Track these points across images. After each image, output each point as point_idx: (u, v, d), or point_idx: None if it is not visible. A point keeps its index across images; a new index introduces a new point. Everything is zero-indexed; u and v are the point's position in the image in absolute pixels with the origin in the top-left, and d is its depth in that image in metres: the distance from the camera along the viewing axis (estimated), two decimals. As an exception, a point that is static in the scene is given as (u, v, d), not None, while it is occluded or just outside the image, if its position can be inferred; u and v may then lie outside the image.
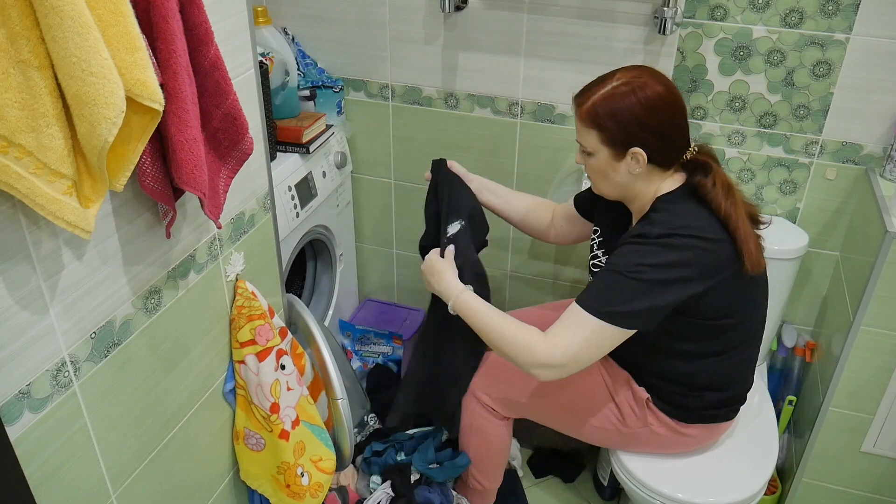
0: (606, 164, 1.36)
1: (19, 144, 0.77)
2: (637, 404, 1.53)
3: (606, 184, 1.41)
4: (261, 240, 1.41)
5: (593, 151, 1.36)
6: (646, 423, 1.53)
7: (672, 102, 1.32)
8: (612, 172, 1.37)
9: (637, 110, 1.30)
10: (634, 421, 1.54)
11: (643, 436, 1.56)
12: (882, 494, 1.78)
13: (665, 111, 1.31)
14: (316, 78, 2.02)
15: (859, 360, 1.62)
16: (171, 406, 1.23)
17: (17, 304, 0.88)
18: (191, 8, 0.95)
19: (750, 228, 1.33)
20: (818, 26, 1.66)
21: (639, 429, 1.55)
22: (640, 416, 1.54)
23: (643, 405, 1.53)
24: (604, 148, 1.34)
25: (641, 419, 1.54)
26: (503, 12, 1.85)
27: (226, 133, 1.09)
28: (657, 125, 1.31)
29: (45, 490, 0.98)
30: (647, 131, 1.31)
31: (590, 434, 1.62)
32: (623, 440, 1.59)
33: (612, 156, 1.34)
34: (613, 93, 1.31)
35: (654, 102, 1.30)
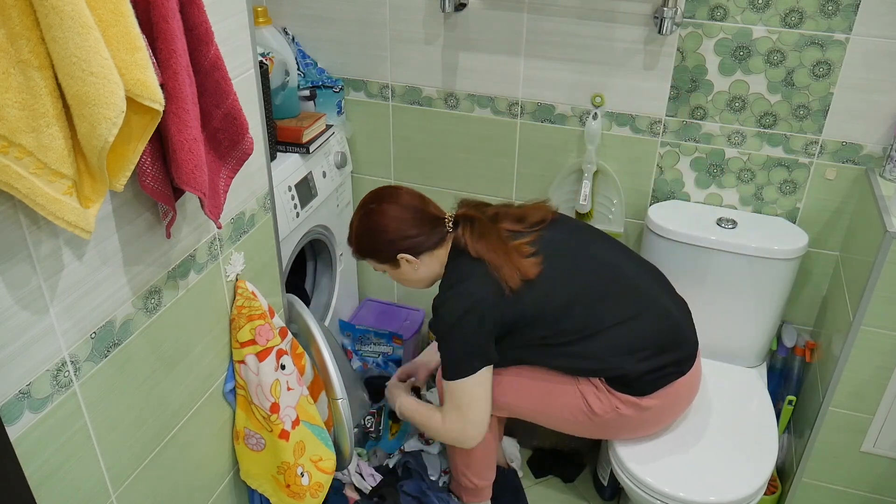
0: (395, 273, 1.65)
1: (19, 144, 0.77)
2: (598, 391, 1.58)
3: (410, 284, 1.68)
4: (261, 240, 1.41)
5: (383, 270, 1.66)
6: (612, 406, 1.58)
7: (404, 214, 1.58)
8: (403, 276, 1.65)
9: (379, 235, 1.58)
10: (601, 408, 1.58)
11: (616, 421, 1.60)
12: (882, 494, 1.78)
13: (401, 223, 1.57)
14: (316, 78, 2.02)
15: (859, 360, 1.62)
16: (172, 406, 1.23)
17: (18, 304, 0.88)
18: (191, 8, 0.95)
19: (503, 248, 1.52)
20: (818, 26, 1.66)
21: (608, 415, 1.59)
22: (605, 401, 1.58)
23: (603, 390, 1.58)
24: (384, 265, 1.64)
25: (607, 404, 1.58)
26: (503, 12, 1.85)
27: (226, 133, 1.09)
28: (402, 234, 1.57)
29: (45, 490, 0.98)
30: (395, 243, 1.58)
31: (569, 427, 1.67)
32: (602, 429, 1.64)
33: (392, 267, 1.63)
34: (357, 228, 1.62)
35: (388, 223, 1.57)
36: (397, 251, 1.58)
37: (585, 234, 1.66)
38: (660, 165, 1.93)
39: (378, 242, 1.59)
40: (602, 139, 1.93)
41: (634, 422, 1.61)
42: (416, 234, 1.58)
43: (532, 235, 1.57)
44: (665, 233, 1.82)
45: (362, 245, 1.62)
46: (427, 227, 1.59)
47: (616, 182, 1.95)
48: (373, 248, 1.61)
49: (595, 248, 1.63)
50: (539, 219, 1.62)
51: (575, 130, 1.95)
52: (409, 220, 1.58)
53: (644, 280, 1.63)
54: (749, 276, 1.79)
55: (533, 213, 1.64)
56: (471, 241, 1.55)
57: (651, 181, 1.95)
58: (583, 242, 1.63)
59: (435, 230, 1.60)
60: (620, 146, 1.93)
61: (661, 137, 1.89)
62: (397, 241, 1.58)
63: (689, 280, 1.83)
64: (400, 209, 1.59)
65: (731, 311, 1.86)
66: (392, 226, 1.57)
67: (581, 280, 1.56)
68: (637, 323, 1.56)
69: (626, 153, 1.93)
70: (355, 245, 1.64)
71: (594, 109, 1.90)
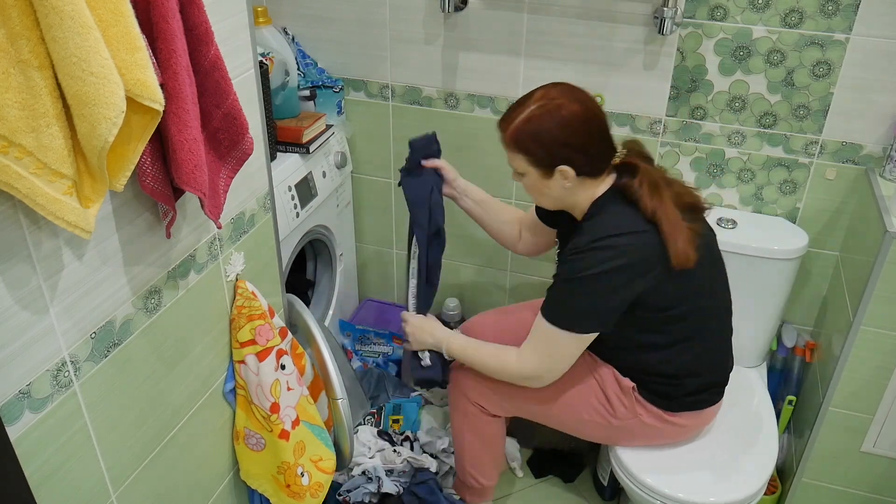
0: (538, 183, 1.43)
1: (19, 144, 0.77)
2: (624, 395, 1.56)
3: (544, 199, 1.48)
4: (261, 240, 1.41)
5: (524, 172, 1.44)
6: (635, 413, 1.55)
7: (588, 118, 1.38)
8: (545, 189, 1.44)
9: (555, 132, 1.36)
10: (624, 412, 1.56)
11: (634, 427, 1.58)
12: (882, 494, 1.78)
13: (582, 128, 1.37)
14: (316, 78, 2.02)
15: (859, 360, 1.62)
16: (172, 406, 1.23)
17: (18, 304, 0.88)
18: (191, 8, 0.95)
19: (679, 223, 1.37)
20: (818, 26, 1.66)
21: (629, 420, 1.56)
22: (629, 406, 1.56)
23: (630, 395, 1.55)
24: (532, 169, 1.41)
25: (630, 410, 1.56)
26: (503, 12, 1.85)
27: (226, 133, 1.09)
28: (577, 142, 1.37)
29: (45, 490, 0.98)
30: (568, 149, 1.37)
31: (582, 428, 1.64)
32: (615, 434, 1.61)
33: (541, 175, 1.41)
34: (531, 116, 1.37)
35: (571, 121, 1.36)
36: (564, 161, 1.37)
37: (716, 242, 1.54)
38: (659, 165, 1.93)
39: (548, 140, 1.36)
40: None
41: (654, 431, 1.58)
42: (594, 153, 1.39)
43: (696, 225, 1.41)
44: (665, 233, 1.82)
45: (526, 135, 1.38)
46: (605, 151, 1.42)
47: (616, 182, 1.94)
48: (537, 144, 1.37)
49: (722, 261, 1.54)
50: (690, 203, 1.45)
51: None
52: (594, 132, 1.39)
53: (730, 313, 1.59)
54: (749, 276, 1.79)
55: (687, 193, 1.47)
56: (649, 198, 1.37)
57: (651, 181, 1.95)
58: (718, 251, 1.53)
59: (607, 158, 1.42)
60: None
61: (661, 137, 1.89)
62: (571, 150, 1.37)
63: (689, 280, 1.83)
64: (586, 118, 1.37)
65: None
66: (576, 130, 1.36)
67: (711, 293, 1.49)
68: (714, 351, 1.55)
69: (626, 153, 1.93)
70: (517, 131, 1.38)
71: (594, 109, 1.90)
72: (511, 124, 1.40)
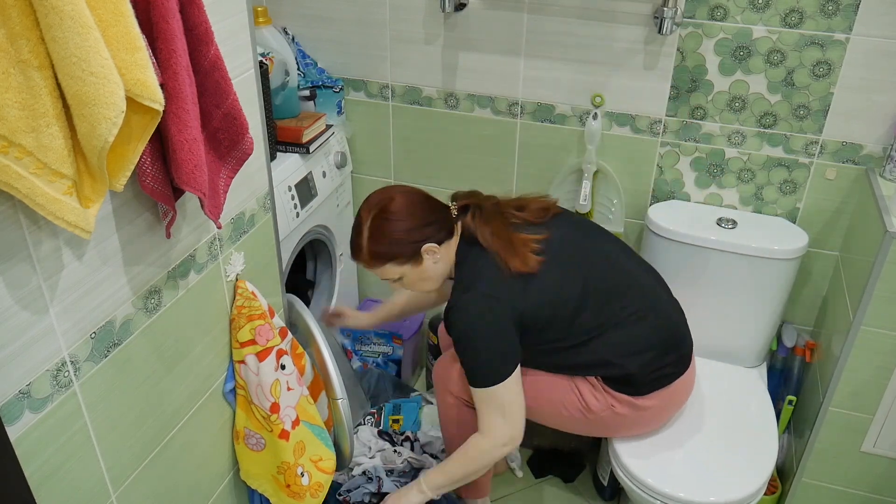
0: (416, 273, 1.54)
1: (19, 144, 0.77)
2: (595, 389, 1.59)
3: (429, 283, 1.58)
4: (261, 240, 1.41)
5: (400, 276, 1.54)
6: (608, 405, 1.58)
7: (412, 196, 1.51)
8: (424, 274, 1.54)
9: (400, 224, 1.48)
10: (598, 406, 1.59)
11: (611, 419, 1.60)
12: (882, 494, 1.78)
13: (413, 208, 1.50)
14: (316, 78, 2.02)
15: (859, 360, 1.62)
16: (172, 406, 1.23)
17: (17, 304, 0.88)
18: (191, 8, 0.95)
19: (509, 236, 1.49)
20: (818, 26, 1.66)
21: (604, 413, 1.59)
22: (602, 400, 1.58)
23: (599, 388, 1.58)
24: (405, 267, 1.52)
25: (603, 403, 1.58)
26: (503, 12, 1.85)
27: (226, 133, 1.09)
28: (419, 220, 1.49)
29: (45, 490, 0.98)
30: (418, 231, 1.49)
31: (564, 423, 1.67)
32: (597, 427, 1.65)
33: (413, 265, 1.52)
34: (371, 233, 1.49)
35: (402, 210, 1.49)
36: (422, 240, 1.49)
37: (591, 231, 1.65)
38: (660, 165, 1.93)
39: (400, 237, 1.48)
40: (602, 139, 1.93)
41: (630, 420, 1.61)
42: (435, 219, 1.51)
43: (541, 233, 1.53)
44: (665, 233, 1.82)
45: (380, 248, 1.49)
46: (439, 213, 1.53)
47: (616, 182, 1.95)
48: (394, 247, 1.49)
49: (602, 247, 1.61)
50: (540, 208, 1.59)
51: (575, 130, 1.95)
52: (423, 205, 1.52)
53: (647, 280, 1.63)
54: (749, 276, 1.79)
55: (532, 203, 1.60)
56: (479, 227, 1.50)
57: (651, 181, 1.95)
58: (590, 239, 1.61)
59: (446, 217, 1.54)
60: (620, 146, 1.93)
61: (661, 137, 1.89)
62: (420, 228, 1.49)
63: (689, 280, 1.83)
64: (410, 196, 1.51)
65: (731, 311, 1.86)
66: (412, 212, 1.49)
67: (592, 279, 1.54)
68: (643, 324, 1.56)
69: (626, 153, 1.93)
70: (371, 251, 1.50)
71: (594, 109, 1.90)
72: (363, 251, 1.51)
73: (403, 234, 1.48)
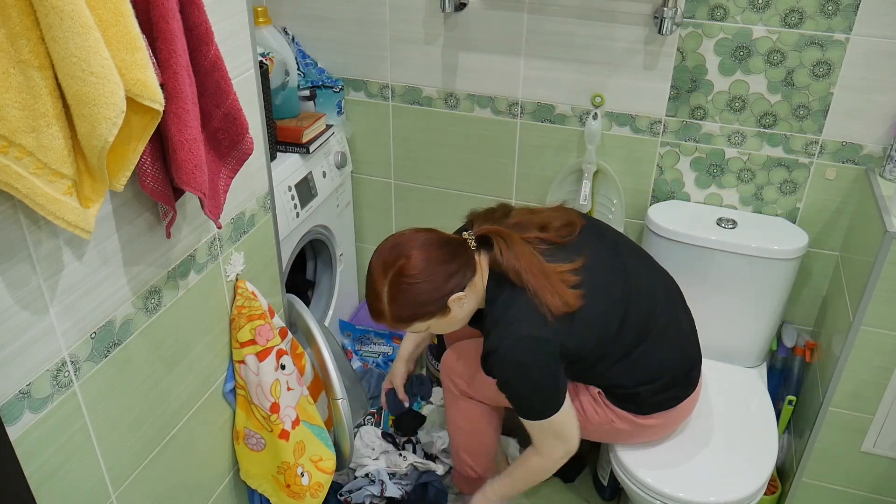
0: (446, 322, 1.44)
1: (19, 144, 0.77)
2: (595, 402, 1.58)
3: (456, 325, 1.48)
4: (261, 240, 1.41)
5: (427, 328, 1.45)
6: (608, 419, 1.57)
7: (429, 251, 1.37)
8: (455, 320, 1.45)
9: (421, 286, 1.36)
10: (597, 419, 1.58)
11: (609, 430, 1.60)
12: (882, 494, 1.78)
13: (438, 262, 1.37)
14: (316, 78, 2.02)
15: (859, 360, 1.62)
16: (172, 406, 1.23)
17: (17, 304, 0.88)
18: (191, 8, 0.95)
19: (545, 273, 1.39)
20: (818, 26, 1.66)
21: (603, 426, 1.59)
22: (601, 413, 1.57)
23: (600, 402, 1.57)
24: (433, 321, 1.41)
25: (603, 416, 1.57)
26: (503, 12, 1.85)
27: (226, 133, 1.09)
28: (441, 274, 1.37)
29: (45, 490, 0.98)
30: (443, 286, 1.37)
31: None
32: (596, 435, 1.64)
33: (442, 316, 1.41)
34: (392, 297, 1.37)
35: (424, 267, 1.36)
36: (449, 294, 1.38)
37: (616, 244, 1.56)
38: (660, 165, 1.93)
39: (424, 298, 1.37)
40: (602, 139, 1.93)
41: (627, 434, 1.60)
42: (457, 268, 1.39)
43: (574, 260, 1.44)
44: (665, 233, 1.82)
45: (405, 312, 1.38)
46: (460, 254, 1.41)
47: (616, 182, 1.94)
48: (420, 308, 1.38)
49: (630, 265, 1.54)
50: (563, 224, 1.50)
51: (575, 130, 1.95)
52: (442, 255, 1.39)
53: (669, 302, 1.58)
54: (749, 276, 1.79)
55: (553, 219, 1.51)
56: (509, 264, 1.40)
57: (651, 181, 1.95)
58: (619, 258, 1.53)
59: (467, 256, 1.42)
60: (620, 146, 1.93)
61: (661, 137, 1.89)
62: (444, 284, 1.37)
63: (689, 280, 1.83)
64: (426, 254, 1.37)
65: (731, 311, 1.86)
66: (433, 270, 1.36)
67: (629, 309, 1.49)
68: (662, 352, 1.54)
69: (626, 153, 1.93)
70: (394, 315, 1.39)
71: (594, 109, 1.90)
72: (385, 316, 1.40)
73: (427, 294, 1.37)
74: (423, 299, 1.37)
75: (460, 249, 1.42)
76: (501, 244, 1.42)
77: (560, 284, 1.39)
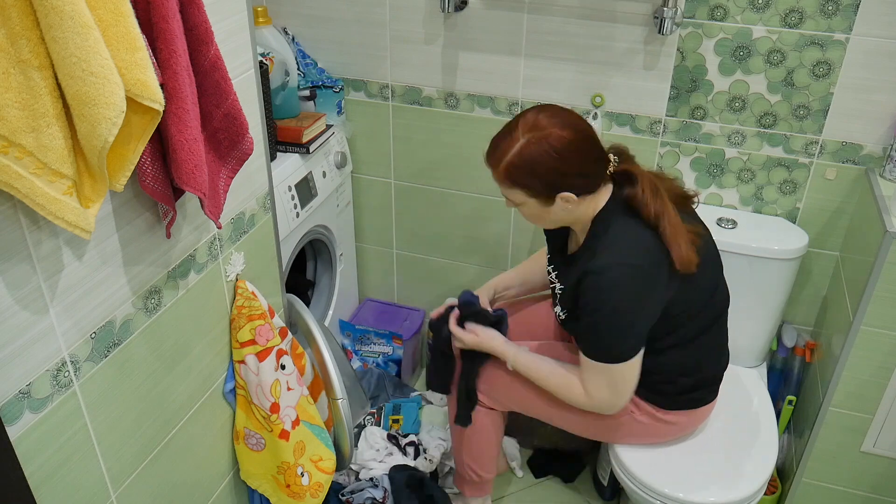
0: (539, 211, 1.40)
1: (19, 144, 0.77)
2: None
3: (546, 223, 1.46)
4: (261, 240, 1.41)
5: (522, 203, 1.39)
6: (627, 410, 1.56)
7: (581, 142, 1.34)
8: (546, 216, 1.41)
9: (551, 163, 1.32)
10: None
11: (626, 425, 1.59)
12: (882, 494, 1.78)
13: (576, 154, 1.33)
14: (316, 78, 2.02)
15: (859, 360, 1.62)
16: (172, 406, 1.23)
17: (17, 304, 0.88)
18: (191, 8, 0.95)
19: (680, 227, 1.37)
20: (818, 26, 1.66)
21: (621, 417, 1.57)
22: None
23: None
24: (532, 200, 1.37)
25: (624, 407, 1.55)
26: (503, 12, 1.85)
27: (226, 133, 1.09)
28: (574, 169, 1.33)
29: (45, 490, 0.98)
30: (567, 176, 1.33)
31: (575, 425, 1.65)
32: (609, 431, 1.62)
33: (541, 203, 1.37)
34: (522, 150, 1.32)
35: (565, 149, 1.32)
36: (565, 188, 1.34)
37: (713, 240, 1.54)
38: (660, 165, 1.93)
39: (546, 174, 1.32)
40: (602, 139, 1.92)
41: (646, 430, 1.59)
42: (591, 172, 1.36)
43: (696, 226, 1.44)
44: (665, 233, 1.82)
45: (521, 171, 1.33)
46: (600, 165, 1.38)
47: (616, 182, 1.94)
48: (534, 178, 1.33)
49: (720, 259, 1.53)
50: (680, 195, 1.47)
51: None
52: (588, 153, 1.35)
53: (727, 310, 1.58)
54: (749, 276, 1.79)
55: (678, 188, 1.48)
56: (652, 205, 1.35)
57: (651, 181, 1.95)
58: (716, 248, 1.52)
59: (600, 172, 1.39)
60: (620, 146, 1.93)
61: (661, 137, 1.89)
62: (571, 177, 1.33)
63: (689, 280, 1.83)
64: (573, 139, 1.32)
65: (731, 311, 1.85)
66: (572, 158, 1.32)
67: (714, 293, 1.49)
68: (712, 351, 1.56)
69: (626, 153, 1.93)
70: (509, 168, 1.34)
71: (594, 109, 1.90)
72: (502, 160, 1.35)
73: (548, 172, 1.33)
74: (542, 173, 1.33)
75: (600, 163, 1.39)
76: (647, 186, 1.38)
77: (689, 242, 1.36)
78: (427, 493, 1.83)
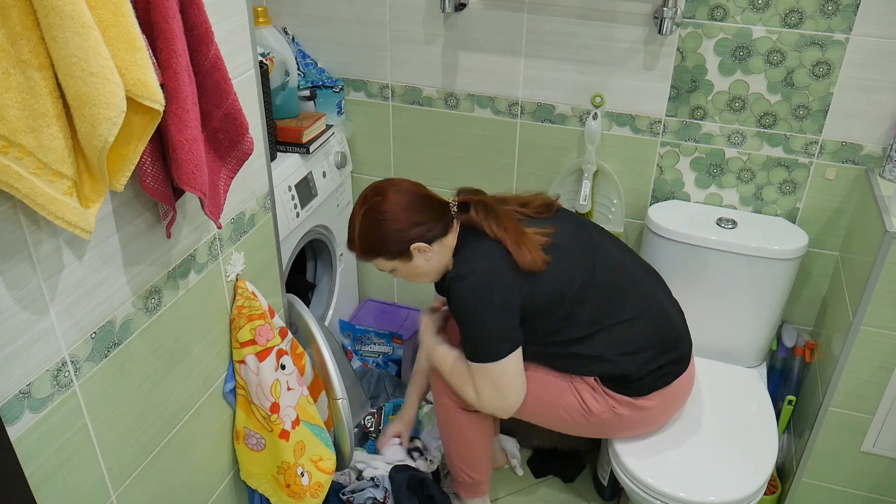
0: (408, 268, 1.56)
1: (20, 144, 0.77)
2: (595, 392, 1.60)
3: (422, 278, 1.60)
4: (261, 240, 1.41)
5: (392, 268, 1.57)
6: (609, 407, 1.59)
7: (409, 200, 1.52)
8: (417, 270, 1.57)
9: (388, 226, 1.50)
10: (598, 408, 1.59)
11: (612, 421, 1.61)
12: (882, 494, 1.78)
13: (406, 209, 1.51)
14: (316, 78, 2.02)
15: (859, 360, 1.62)
16: (172, 406, 1.23)
17: (18, 304, 0.88)
18: (191, 8, 0.95)
19: (520, 231, 1.51)
20: (818, 26, 1.66)
21: (605, 415, 1.59)
22: (602, 402, 1.59)
23: (599, 390, 1.59)
24: (395, 261, 1.55)
25: (604, 405, 1.59)
26: (503, 12, 1.85)
27: (226, 133, 1.09)
28: (408, 222, 1.50)
29: (45, 490, 0.98)
30: (406, 231, 1.50)
31: (563, 426, 1.67)
32: (598, 429, 1.65)
33: (404, 261, 1.54)
34: (363, 226, 1.52)
35: (392, 211, 1.50)
36: (410, 241, 1.50)
37: (593, 229, 1.66)
38: (660, 165, 1.93)
39: (387, 236, 1.50)
40: (602, 139, 1.93)
41: (631, 421, 1.62)
42: (426, 220, 1.52)
43: (547, 227, 1.55)
44: (665, 233, 1.82)
45: (370, 243, 1.53)
46: (435, 211, 1.54)
47: (616, 182, 1.95)
48: (382, 244, 1.52)
49: (605, 245, 1.63)
50: (543, 204, 1.62)
51: (575, 130, 1.95)
52: (415, 205, 1.52)
53: (647, 280, 1.65)
54: (749, 276, 1.79)
55: (534, 199, 1.63)
56: (486, 222, 1.52)
57: (651, 181, 1.95)
58: (594, 236, 1.62)
59: (443, 215, 1.55)
60: (620, 146, 1.93)
61: (661, 137, 1.89)
62: (408, 230, 1.50)
63: (689, 280, 1.83)
64: (404, 196, 1.52)
65: (731, 311, 1.86)
66: (400, 214, 1.50)
67: (595, 274, 1.56)
68: (641, 323, 1.58)
69: (626, 153, 1.93)
70: (361, 245, 1.54)
71: (594, 109, 1.90)
72: (355, 243, 1.55)
73: (390, 234, 1.51)
74: (386, 238, 1.51)
75: (438, 208, 1.55)
76: (479, 206, 1.55)
77: (532, 244, 1.50)
78: (427, 494, 1.82)
